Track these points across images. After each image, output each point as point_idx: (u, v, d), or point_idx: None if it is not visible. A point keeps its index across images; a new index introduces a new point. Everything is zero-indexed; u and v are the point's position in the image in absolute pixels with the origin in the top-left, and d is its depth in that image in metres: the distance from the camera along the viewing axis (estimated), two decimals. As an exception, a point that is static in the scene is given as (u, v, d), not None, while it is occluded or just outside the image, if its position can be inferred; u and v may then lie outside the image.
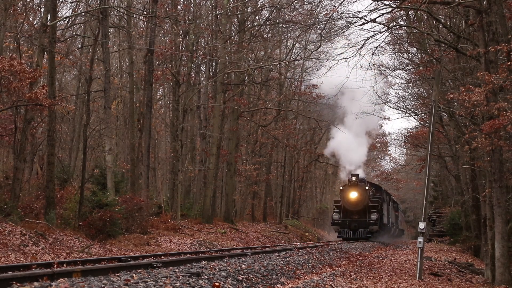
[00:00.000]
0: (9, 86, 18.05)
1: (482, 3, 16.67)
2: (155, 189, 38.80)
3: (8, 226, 16.47)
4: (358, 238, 35.85)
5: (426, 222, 22.94)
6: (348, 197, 36.88)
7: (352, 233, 36.29)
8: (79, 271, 8.42)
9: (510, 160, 19.76)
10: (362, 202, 36.50)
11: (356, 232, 36.25)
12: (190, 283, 8.11)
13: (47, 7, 22.93)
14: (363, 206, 36.62)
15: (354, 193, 36.69)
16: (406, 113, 41.75)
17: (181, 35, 34.58)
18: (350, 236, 36.19)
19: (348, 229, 36.42)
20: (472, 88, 15.46)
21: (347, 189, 37.25)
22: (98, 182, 25.13)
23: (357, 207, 36.58)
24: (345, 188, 37.59)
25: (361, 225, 36.29)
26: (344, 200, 36.99)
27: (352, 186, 36.99)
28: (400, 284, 14.74)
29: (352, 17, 16.87)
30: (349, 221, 36.57)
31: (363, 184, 37.65)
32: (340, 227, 36.92)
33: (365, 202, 36.59)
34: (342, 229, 36.67)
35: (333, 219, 37.43)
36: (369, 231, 36.36)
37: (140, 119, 33.47)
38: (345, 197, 36.95)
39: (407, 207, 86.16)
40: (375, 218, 36.48)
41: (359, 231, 36.21)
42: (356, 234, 36.18)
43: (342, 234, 36.65)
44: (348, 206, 36.76)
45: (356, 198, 36.61)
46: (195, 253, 18.23)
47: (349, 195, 36.86)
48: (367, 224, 36.37)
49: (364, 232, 36.15)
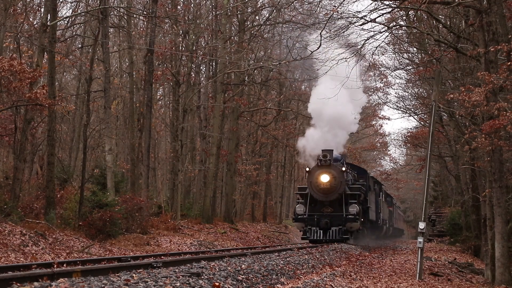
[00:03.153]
0: (9, 86, 18.05)
1: (482, 3, 16.67)
2: (155, 189, 38.80)
3: (8, 226, 16.47)
4: (331, 240, 26.34)
5: (426, 222, 22.95)
6: (317, 182, 27.07)
7: (322, 233, 26.56)
8: (79, 271, 8.42)
9: (510, 160, 19.76)
10: (337, 189, 26.90)
11: (327, 232, 26.57)
12: (190, 283, 8.11)
13: (47, 7, 22.94)
14: (338, 195, 27.01)
15: (325, 177, 26.92)
16: (406, 113, 41.87)
17: (181, 35, 34.59)
18: (319, 237, 26.48)
19: (316, 227, 26.64)
20: (472, 88, 15.46)
21: (316, 172, 27.22)
22: (98, 182, 25.14)
23: (330, 196, 27.04)
24: (313, 170, 27.49)
25: (335, 222, 26.56)
26: (311, 187, 27.28)
27: (323, 168, 27.05)
28: (400, 284, 14.74)
29: (352, 17, 16.87)
30: (318, 216, 26.72)
31: (338, 165, 27.82)
32: (305, 225, 26.95)
33: (340, 190, 26.99)
34: (309, 227, 26.70)
35: (296, 213, 27.52)
36: (346, 230, 26.60)
37: (140, 119, 33.47)
38: (313, 183, 27.16)
39: (407, 207, 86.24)
40: (355, 211, 26.78)
41: (332, 231, 26.48)
42: (327, 235, 26.54)
43: (308, 234, 26.78)
44: (317, 195, 27.18)
45: (328, 184, 26.90)
46: (195, 253, 18.24)
47: (319, 180, 26.95)
48: (343, 220, 26.62)
49: (339, 232, 26.45)
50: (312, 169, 27.76)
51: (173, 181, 32.43)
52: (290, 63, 33.85)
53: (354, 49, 17.89)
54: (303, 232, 27.13)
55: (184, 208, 34.60)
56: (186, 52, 32.93)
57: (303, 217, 27.04)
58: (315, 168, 27.56)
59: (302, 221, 27.14)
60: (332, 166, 27.24)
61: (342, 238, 26.44)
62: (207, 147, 36.60)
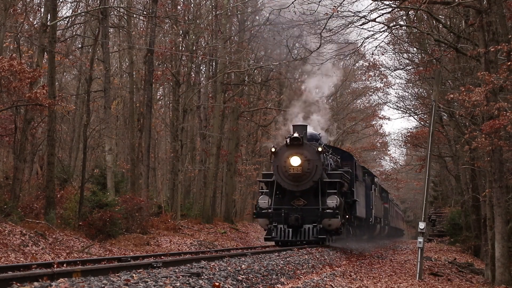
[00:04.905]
0: (9, 86, 18.05)
1: (482, 3, 16.68)
2: (155, 189, 38.80)
3: (8, 226, 16.47)
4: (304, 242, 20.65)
5: (426, 222, 22.95)
6: (285, 167, 21.17)
7: (291, 233, 20.85)
8: (79, 271, 8.42)
9: (510, 160, 19.77)
10: (311, 175, 21.15)
11: (298, 231, 20.88)
12: (190, 283, 8.11)
13: (47, 7, 22.95)
14: (312, 183, 21.14)
15: (296, 160, 21.00)
16: (406, 113, 41.95)
17: (181, 35, 34.60)
18: (287, 238, 20.80)
19: (284, 224, 20.88)
20: (472, 88, 15.47)
21: (284, 153, 21.29)
22: (98, 182, 25.15)
23: (302, 184, 21.21)
24: (280, 151, 21.48)
25: (309, 218, 20.85)
26: (278, 173, 21.42)
27: (293, 148, 21.16)
28: (400, 284, 14.75)
29: (353, 16, 16.89)
30: (287, 210, 20.97)
31: (313, 145, 21.81)
32: (270, 221, 21.15)
33: (316, 176, 21.12)
34: (274, 224, 20.93)
35: (259, 207, 21.62)
36: (322, 228, 20.82)
37: (140, 119, 33.48)
38: (281, 167, 21.31)
39: (407, 207, 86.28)
40: (335, 204, 20.96)
41: (305, 229, 20.82)
42: (299, 235, 20.86)
43: (274, 233, 21.00)
44: (286, 183, 21.30)
45: (299, 168, 20.99)
46: (195, 253, 18.24)
47: (287, 163, 21.08)
48: (319, 215, 20.77)
49: (313, 231, 20.74)
50: (279, 149, 21.59)
51: (173, 181, 32.43)
52: (290, 63, 33.84)
53: (354, 48, 17.91)
54: (267, 231, 21.34)
55: (184, 208, 34.60)
56: (186, 52, 32.93)
57: (268, 212, 21.28)
58: (283, 149, 21.47)
59: (266, 216, 21.30)
60: (305, 145, 21.24)
61: (318, 239, 20.59)
62: (207, 147, 36.60)
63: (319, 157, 21.37)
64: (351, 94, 51.22)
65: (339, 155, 26.45)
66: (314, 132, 23.85)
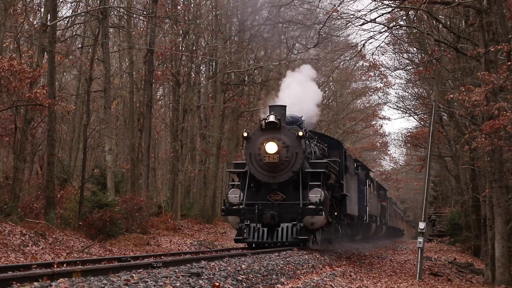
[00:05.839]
0: (9, 86, 18.05)
1: (482, 3, 16.69)
2: (155, 189, 38.81)
3: (8, 226, 16.47)
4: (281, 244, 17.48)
5: (426, 222, 22.96)
6: (259, 155, 17.87)
7: (266, 233, 17.54)
8: (79, 271, 8.41)
9: (510, 160, 19.77)
10: (290, 164, 17.89)
11: (275, 231, 17.56)
12: (190, 283, 8.11)
13: (47, 7, 22.95)
14: (292, 173, 17.93)
15: (272, 146, 17.68)
16: (406, 113, 41.96)
17: (181, 35, 34.61)
18: (262, 239, 17.53)
19: (258, 223, 17.53)
20: (472, 88, 15.48)
21: (259, 138, 18.01)
22: (98, 182, 25.16)
23: (279, 175, 17.96)
24: (254, 136, 18.27)
25: (287, 215, 17.59)
26: (251, 162, 18.14)
27: (269, 132, 17.89)
28: (400, 284, 14.75)
29: (352, 16, 16.90)
30: (262, 206, 17.74)
31: (293, 129, 18.54)
32: (241, 219, 17.80)
33: (296, 166, 17.90)
34: (247, 223, 17.59)
35: (228, 202, 18.38)
36: (304, 227, 17.50)
37: (140, 119, 33.48)
38: (255, 155, 18.03)
39: (407, 207, 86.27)
40: (319, 198, 17.62)
41: (283, 229, 17.54)
42: (275, 235, 17.55)
43: (246, 233, 17.61)
44: (260, 173, 18.06)
45: (275, 156, 17.65)
46: (195, 253, 18.22)
47: (262, 150, 17.76)
48: (299, 212, 17.48)
49: (292, 231, 17.44)
50: (253, 134, 18.40)
51: (173, 181, 32.44)
52: (290, 63, 33.86)
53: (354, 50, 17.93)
54: (238, 231, 17.92)
55: (184, 208, 34.60)
56: (186, 52, 32.94)
57: (238, 208, 18.00)
58: (257, 133, 18.25)
59: (237, 213, 18.02)
60: (284, 129, 18.04)
61: (298, 240, 17.43)
62: (207, 147, 36.60)
63: (300, 143, 18.03)
64: (351, 94, 51.21)
65: (326, 142, 22.82)
66: (295, 115, 20.23)
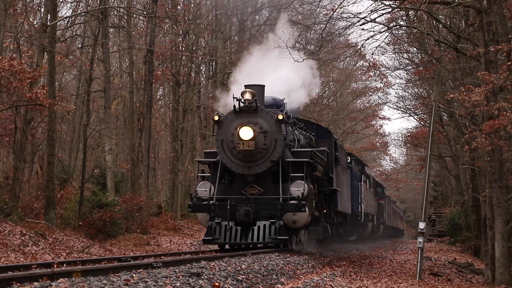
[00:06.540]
0: (9, 86, 18.04)
1: (482, 3, 16.68)
2: (155, 189, 38.80)
3: (8, 226, 16.47)
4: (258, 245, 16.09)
5: (426, 222, 22.96)
6: (233, 142, 15.67)
7: (240, 233, 15.34)
8: (79, 271, 8.40)
9: (510, 160, 19.78)
10: (268, 152, 15.64)
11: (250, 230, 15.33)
12: (190, 283, 8.12)
13: (47, 7, 22.94)
14: (270, 163, 15.67)
15: (247, 131, 15.34)
16: (406, 113, 41.99)
17: (181, 35, 34.61)
18: (234, 240, 15.37)
19: (230, 221, 15.33)
20: (472, 88, 15.48)
21: (232, 123, 15.80)
22: (98, 182, 25.16)
23: (256, 166, 15.68)
24: (227, 120, 16.01)
25: (264, 212, 15.30)
26: (223, 150, 15.93)
27: (244, 115, 15.70)
28: (400, 284, 14.75)
29: (352, 17, 16.91)
30: (235, 201, 15.53)
31: (272, 112, 16.23)
32: (211, 217, 15.55)
33: (275, 155, 15.63)
34: (217, 221, 15.36)
35: (196, 197, 16.10)
36: (284, 226, 15.23)
37: (140, 119, 33.48)
38: (227, 142, 15.84)
39: (407, 207, 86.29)
40: (301, 192, 15.36)
41: (259, 227, 15.27)
42: (250, 236, 15.34)
43: (217, 233, 15.44)
44: (234, 164, 15.83)
45: (251, 143, 15.36)
46: (195, 253, 18.21)
47: (236, 136, 15.49)
48: (278, 208, 15.20)
49: (270, 230, 15.19)
50: (225, 118, 16.03)
51: (173, 181, 32.43)
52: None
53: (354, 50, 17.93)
54: (207, 231, 15.67)
55: (184, 208, 34.59)
56: (186, 52, 32.94)
57: (208, 204, 15.63)
58: (230, 117, 15.92)
59: (206, 210, 15.67)
60: (261, 112, 15.73)
61: (277, 241, 15.33)
62: (207, 147, 36.58)
63: (280, 128, 15.61)
64: (351, 94, 51.21)
65: (313, 131, 20.24)
66: (277, 97, 17.89)
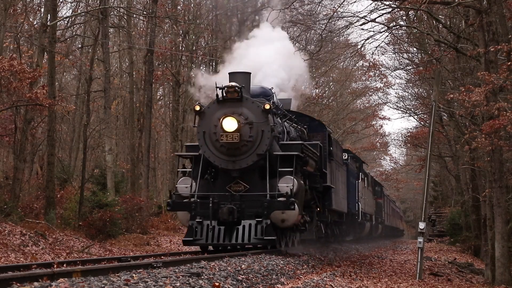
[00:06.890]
0: (9, 86, 18.05)
1: (482, 3, 16.68)
2: (155, 189, 38.79)
3: (8, 226, 16.47)
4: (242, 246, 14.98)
5: (426, 222, 22.96)
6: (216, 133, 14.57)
7: (223, 233, 14.29)
8: (79, 271, 8.40)
9: (510, 160, 19.78)
10: (254, 145, 14.55)
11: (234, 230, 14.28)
12: (190, 283, 8.12)
13: (47, 7, 22.95)
14: (256, 157, 14.58)
15: (231, 122, 14.21)
16: (406, 113, 41.98)
17: (181, 35, 34.61)
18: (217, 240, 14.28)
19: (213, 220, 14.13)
20: (472, 88, 15.48)
21: (214, 113, 14.67)
22: (98, 182, 25.16)
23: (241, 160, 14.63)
24: (209, 110, 14.84)
25: (250, 210, 14.22)
26: (206, 143, 14.80)
27: (228, 105, 14.58)
28: (400, 284, 14.75)
29: (353, 17, 16.92)
30: (218, 198, 14.38)
31: (258, 101, 15.09)
32: (192, 216, 14.40)
33: (262, 148, 14.53)
34: (199, 220, 14.24)
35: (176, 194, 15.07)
36: (271, 225, 14.15)
37: (140, 119, 33.48)
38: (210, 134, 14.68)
39: (407, 207, 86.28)
40: (290, 189, 14.20)
41: (244, 227, 14.23)
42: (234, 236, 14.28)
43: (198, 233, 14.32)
44: (217, 157, 14.72)
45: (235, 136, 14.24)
46: (195, 253, 18.21)
47: (220, 127, 14.36)
48: (265, 206, 14.09)
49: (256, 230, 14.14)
50: (208, 108, 14.89)
51: (173, 181, 32.42)
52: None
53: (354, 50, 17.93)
54: (187, 231, 14.71)
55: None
56: (186, 52, 32.93)
57: (189, 202, 14.58)
58: (212, 107, 14.80)
59: (187, 208, 14.58)
60: (246, 101, 14.59)
61: (264, 242, 14.37)
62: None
63: (267, 119, 14.46)
64: (351, 94, 51.22)
65: (305, 123, 18.92)
66: (265, 86, 16.69)
